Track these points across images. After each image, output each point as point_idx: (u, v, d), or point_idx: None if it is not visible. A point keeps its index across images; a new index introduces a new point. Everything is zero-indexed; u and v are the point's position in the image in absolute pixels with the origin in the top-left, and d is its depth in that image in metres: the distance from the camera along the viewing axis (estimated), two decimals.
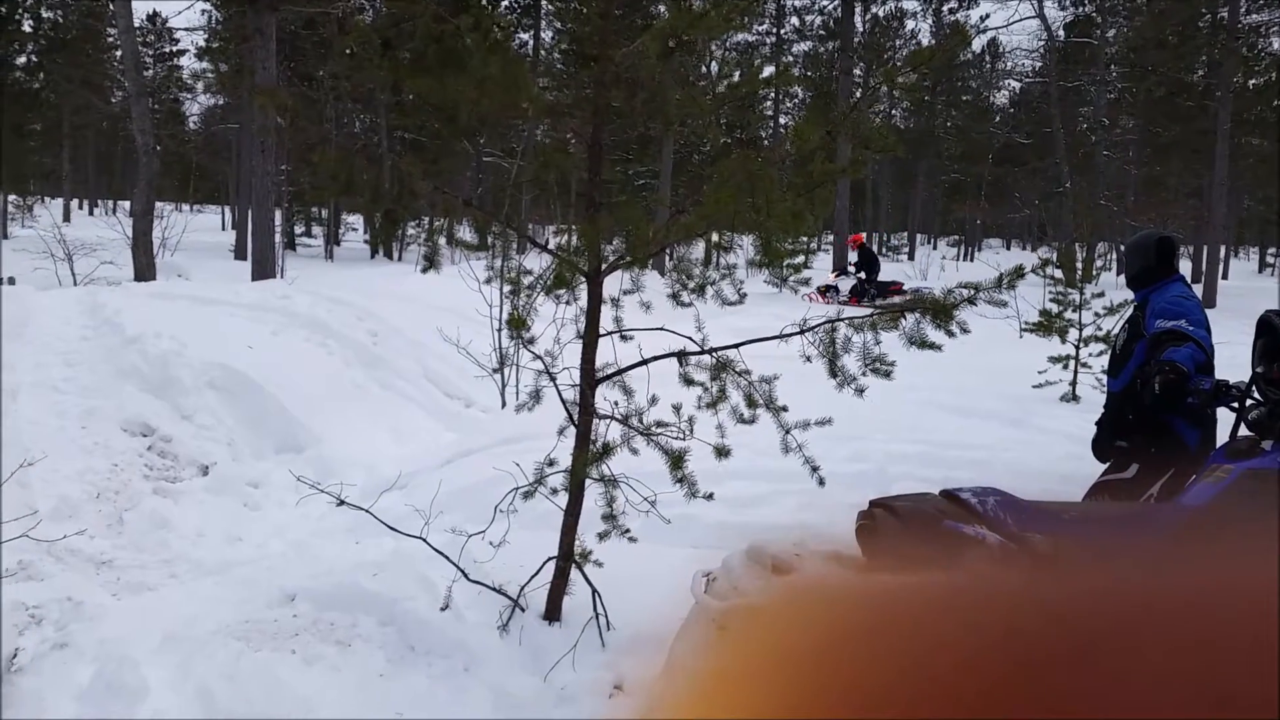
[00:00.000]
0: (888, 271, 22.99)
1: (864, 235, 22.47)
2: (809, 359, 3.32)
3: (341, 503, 4.10)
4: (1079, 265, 9.85)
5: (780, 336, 3.30)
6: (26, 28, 37.89)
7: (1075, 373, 8.91)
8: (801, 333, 3.30)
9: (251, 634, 3.74)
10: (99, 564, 4.86)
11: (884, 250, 46.10)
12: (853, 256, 20.11)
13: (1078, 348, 9.02)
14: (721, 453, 3.60)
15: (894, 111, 41.97)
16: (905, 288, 18.40)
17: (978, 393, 8.09)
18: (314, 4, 18.54)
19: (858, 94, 20.87)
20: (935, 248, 47.07)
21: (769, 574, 2.76)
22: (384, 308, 9.96)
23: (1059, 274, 9.56)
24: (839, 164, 3.67)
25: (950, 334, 3.15)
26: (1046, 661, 0.31)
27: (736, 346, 3.42)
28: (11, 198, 34.29)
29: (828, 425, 3.47)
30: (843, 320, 3.29)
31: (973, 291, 3.21)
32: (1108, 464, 4.16)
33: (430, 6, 3.75)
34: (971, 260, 42.06)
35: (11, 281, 12.62)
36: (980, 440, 6.37)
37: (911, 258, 39.87)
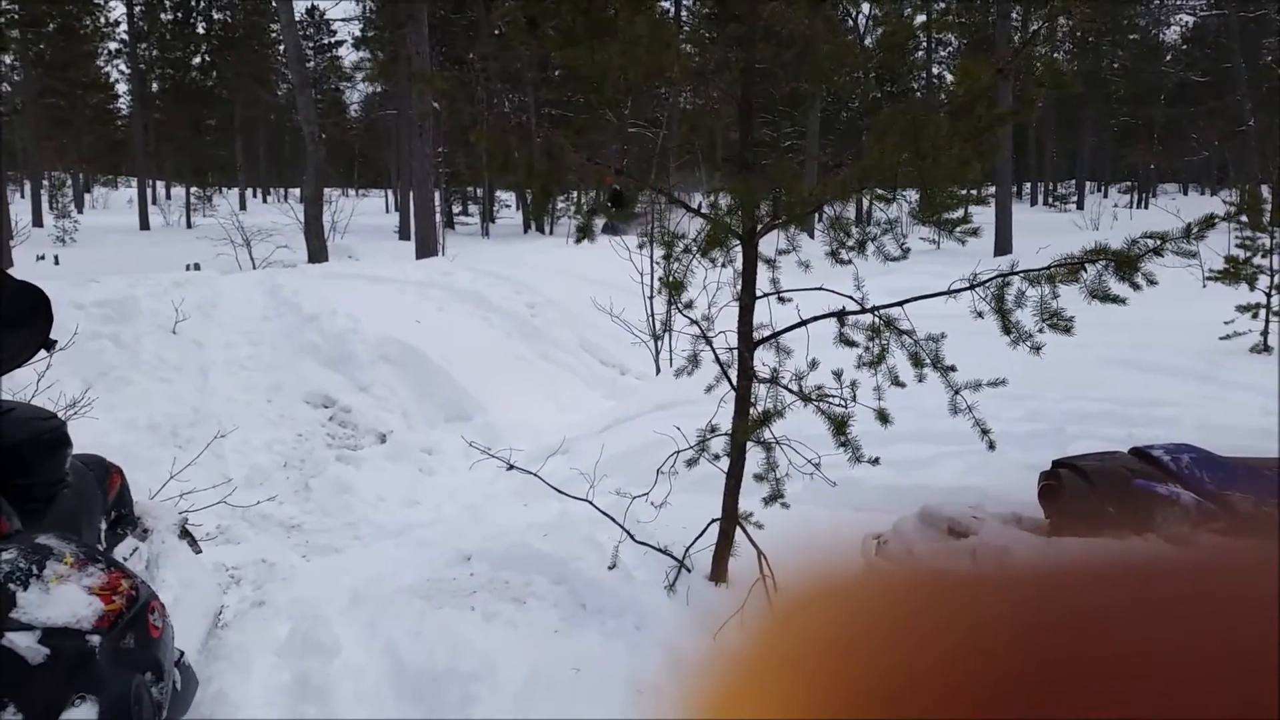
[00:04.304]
0: (1054, 224, 21.85)
1: (613, 178, 21.85)
2: (980, 315, 3.18)
3: (511, 467, 4.23)
4: (1267, 207, 9.08)
5: (949, 292, 3.18)
6: (200, 30, 40.36)
7: (1267, 322, 8.25)
8: (971, 287, 3.16)
9: (432, 592, 3.92)
10: (289, 528, 5.18)
11: (1050, 200, 43.86)
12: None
13: (1269, 295, 8.35)
14: (885, 419, 3.50)
15: (1057, 54, 39.72)
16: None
17: (1159, 347, 7.60)
18: None
19: (1016, 38, 19.84)
20: (1106, 195, 44.48)
21: (944, 537, 2.68)
22: (539, 280, 10.18)
23: (1245, 218, 8.86)
24: (1005, 108, 3.50)
25: (1135, 286, 2.95)
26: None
27: (901, 304, 3.31)
28: (193, 190, 36.74)
29: (1001, 386, 3.32)
30: (1016, 274, 3.14)
31: (1159, 242, 3.00)
32: None
33: None
34: (1145, 207, 39.51)
35: (197, 267, 13.54)
36: (1165, 396, 5.99)
37: (1080, 207, 37.76)
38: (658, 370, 8.27)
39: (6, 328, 2.33)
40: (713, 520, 3.78)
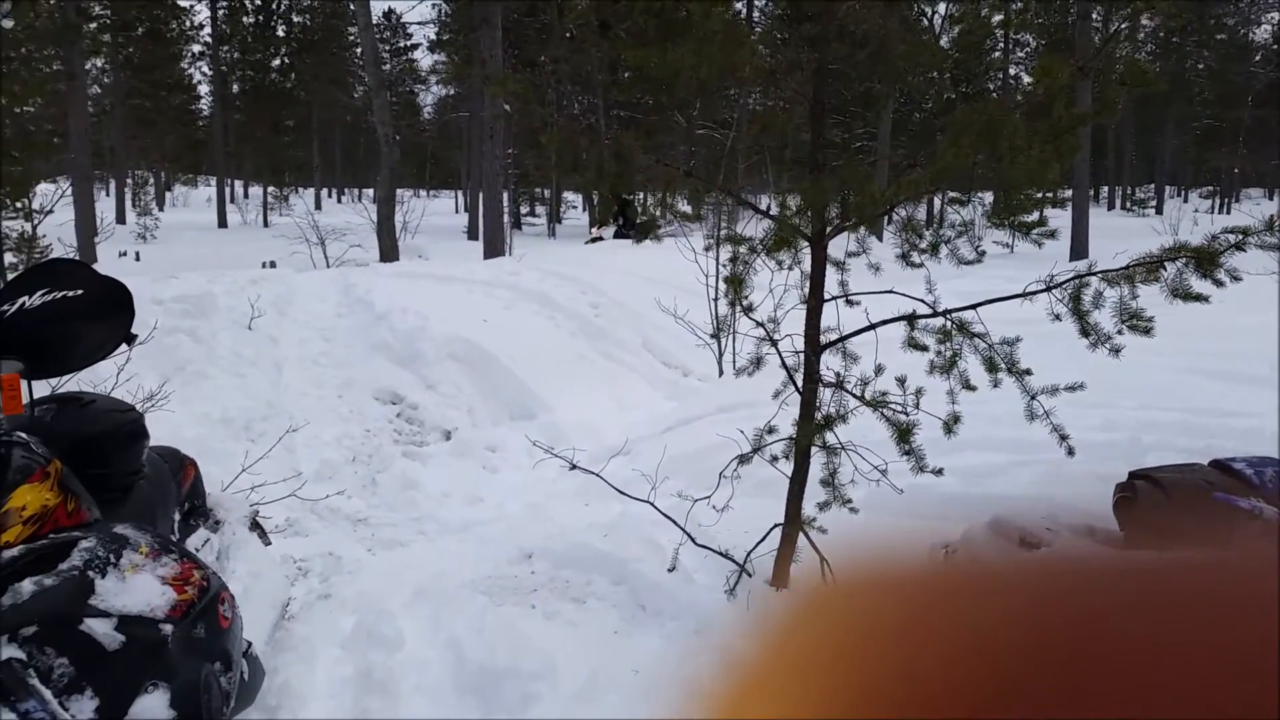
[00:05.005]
0: (1132, 229, 21.35)
1: None
2: (1057, 317, 3.10)
3: (574, 467, 4.24)
4: None
5: (1024, 294, 3.10)
6: (280, 33, 41.36)
7: None
8: (1048, 289, 3.08)
9: (494, 589, 3.95)
10: (356, 521, 5.26)
11: (1128, 204, 42.73)
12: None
13: None
14: (949, 429, 3.43)
15: (1138, 55, 38.66)
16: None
17: (1240, 356, 7.34)
18: None
19: (1096, 39, 19.36)
20: (1186, 200, 43.19)
21: (1016, 548, 2.61)
22: (604, 281, 10.20)
23: None
24: (1085, 109, 3.40)
25: (1219, 283, 2.86)
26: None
27: (975, 307, 3.24)
28: (270, 189, 37.68)
29: (1079, 391, 3.23)
30: (1094, 274, 3.05)
31: (1240, 236, 2.90)
32: None
33: None
34: (1228, 213, 38.24)
35: (273, 265, 13.84)
36: (1246, 407, 5.77)
37: (1159, 211, 36.71)
38: (720, 372, 8.23)
39: (91, 321, 2.40)
40: (775, 525, 3.74)
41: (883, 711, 0.28)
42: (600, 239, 19.36)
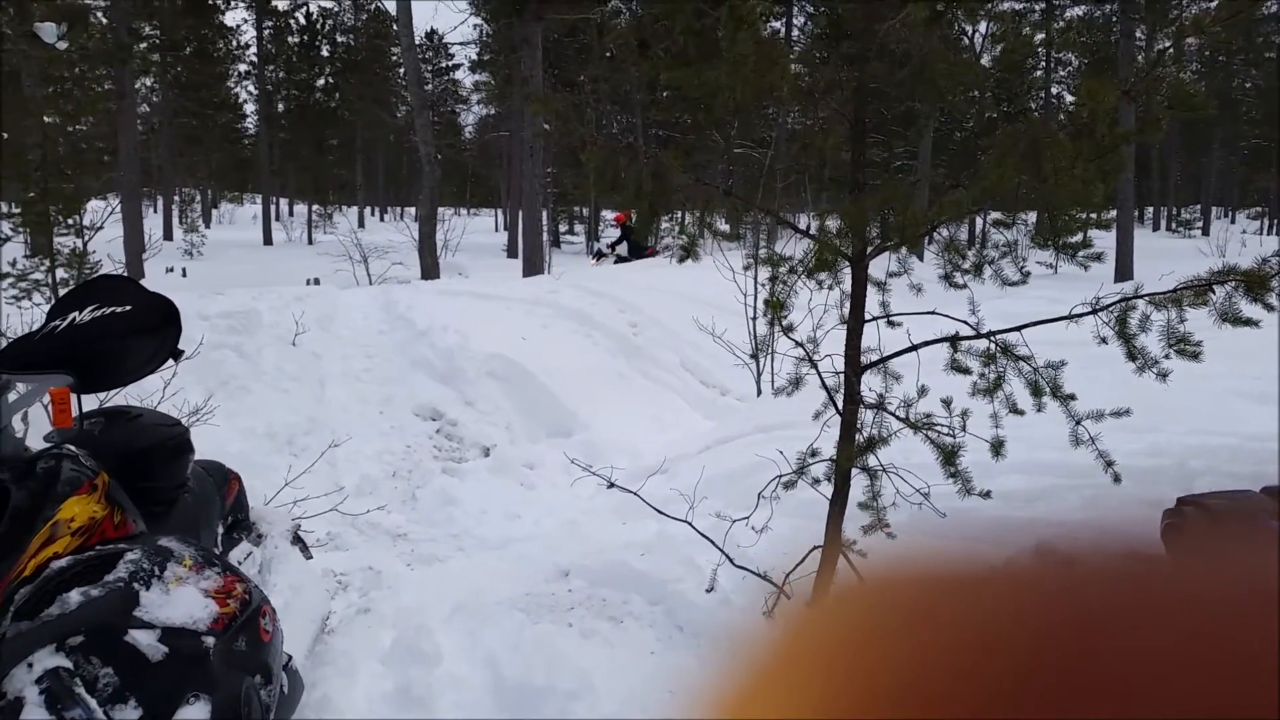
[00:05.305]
0: (1178, 250, 21.01)
1: (626, 215, 21.82)
2: (1104, 340, 3.05)
3: (612, 485, 4.24)
4: None
5: (1070, 317, 3.06)
6: (324, 53, 42.07)
7: None
8: (1094, 311, 3.04)
9: (531, 607, 3.95)
10: (395, 536, 5.30)
11: (1174, 225, 42.12)
12: (615, 233, 20.97)
13: None
14: (996, 451, 3.38)
15: (1183, 75, 38.17)
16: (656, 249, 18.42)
17: None
18: (575, 10, 19.37)
19: (1140, 57, 19.16)
20: (1234, 221, 42.44)
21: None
22: (642, 299, 10.21)
23: None
24: (1128, 128, 3.36)
25: (1269, 307, 2.80)
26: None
27: (1019, 329, 3.20)
28: (315, 207, 38.23)
29: (1125, 416, 3.17)
30: (1140, 297, 3.00)
31: None
32: None
33: (692, 2, 3.78)
34: (1277, 234, 37.56)
35: (317, 282, 14.01)
36: None
37: (1206, 233, 36.13)
38: (759, 392, 8.20)
39: (139, 337, 2.44)
40: (814, 547, 3.70)
41: (885, 711, 0.28)
42: (599, 264, 19.44)
